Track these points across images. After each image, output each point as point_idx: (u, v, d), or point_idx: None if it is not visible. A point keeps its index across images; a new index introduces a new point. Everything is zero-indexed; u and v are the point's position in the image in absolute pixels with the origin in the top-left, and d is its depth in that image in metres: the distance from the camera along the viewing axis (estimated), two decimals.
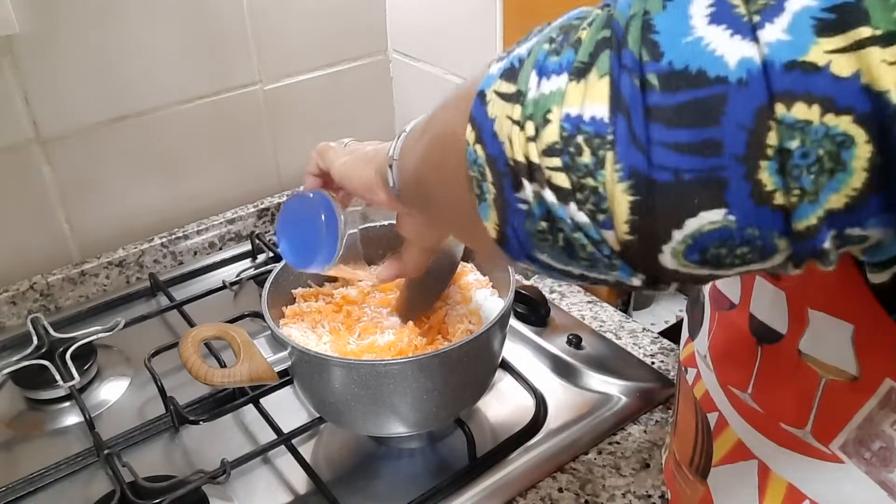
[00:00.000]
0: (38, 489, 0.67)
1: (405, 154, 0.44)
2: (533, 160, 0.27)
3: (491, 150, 0.29)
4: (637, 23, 0.25)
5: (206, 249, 1.01)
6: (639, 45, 0.25)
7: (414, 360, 0.58)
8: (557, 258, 0.30)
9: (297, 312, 0.68)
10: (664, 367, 0.75)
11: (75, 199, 0.92)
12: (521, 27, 0.83)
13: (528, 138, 0.27)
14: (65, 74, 0.87)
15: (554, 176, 0.27)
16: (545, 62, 0.27)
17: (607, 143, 0.25)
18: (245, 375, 0.63)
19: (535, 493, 0.63)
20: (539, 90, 0.27)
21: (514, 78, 0.28)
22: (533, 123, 0.27)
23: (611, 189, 0.25)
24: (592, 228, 0.27)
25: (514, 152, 0.28)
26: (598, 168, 0.25)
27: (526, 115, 0.27)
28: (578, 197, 0.26)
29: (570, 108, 0.26)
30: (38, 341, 0.81)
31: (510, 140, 0.28)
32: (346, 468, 0.68)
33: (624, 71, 0.25)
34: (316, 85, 1.06)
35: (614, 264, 0.28)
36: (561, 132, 0.26)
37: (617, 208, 0.25)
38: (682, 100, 0.24)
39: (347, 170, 0.53)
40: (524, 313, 0.82)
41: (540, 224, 0.28)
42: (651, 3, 0.25)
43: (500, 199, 0.29)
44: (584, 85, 0.26)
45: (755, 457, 0.42)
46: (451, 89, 0.38)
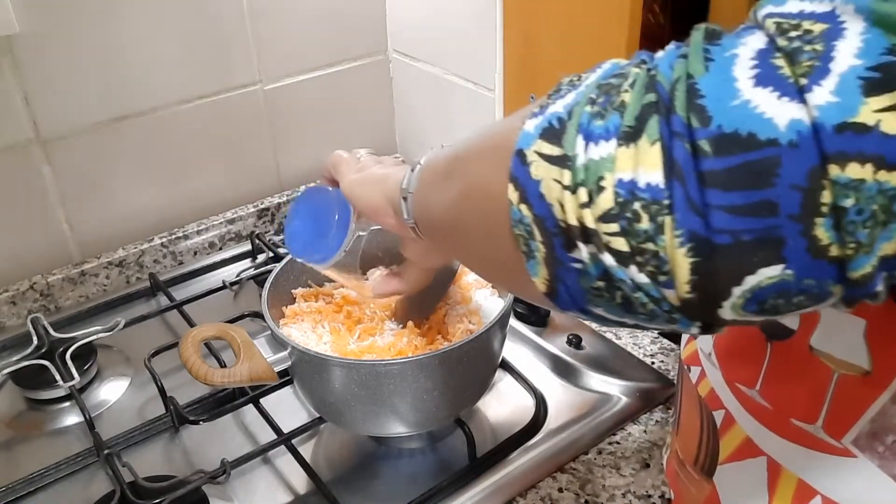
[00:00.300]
0: (38, 489, 0.67)
1: (424, 191, 0.44)
2: (588, 225, 0.27)
3: (538, 211, 0.29)
4: (682, 87, 0.25)
5: (206, 249, 1.01)
6: (686, 110, 0.25)
7: (414, 360, 0.58)
8: (614, 312, 0.30)
9: (297, 312, 0.68)
10: (664, 367, 0.75)
11: (75, 199, 0.92)
12: (521, 27, 0.84)
13: (581, 204, 0.27)
14: (65, 74, 0.87)
15: (612, 241, 0.27)
16: (590, 126, 0.28)
17: (665, 208, 0.26)
18: (245, 375, 0.63)
19: (535, 493, 0.63)
20: (588, 155, 0.27)
21: (557, 140, 0.29)
22: (585, 189, 0.27)
23: (671, 253, 0.26)
24: (653, 288, 0.27)
25: (567, 216, 0.28)
26: (657, 233, 0.26)
27: (577, 180, 0.27)
28: (638, 260, 0.27)
29: (623, 173, 0.26)
30: (38, 341, 0.81)
31: (560, 204, 0.28)
32: (346, 468, 0.68)
33: (675, 137, 0.25)
34: (316, 85, 1.06)
35: (674, 318, 0.28)
36: (616, 198, 0.26)
37: (678, 270, 0.26)
38: (735, 163, 0.24)
39: (356, 189, 0.54)
40: (524, 313, 0.82)
41: (596, 282, 0.29)
42: (693, 65, 0.26)
43: (551, 258, 0.30)
44: (635, 150, 0.26)
45: (764, 453, 0.42)
46: (475, 133, 0.38)
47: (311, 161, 1.10)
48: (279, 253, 0.96)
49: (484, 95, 0.95)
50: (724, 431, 0.45)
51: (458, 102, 1.01)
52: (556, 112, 0.30)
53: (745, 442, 0.43)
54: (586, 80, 0.30)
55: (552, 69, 0.82)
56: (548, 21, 0.80)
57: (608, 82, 0.29)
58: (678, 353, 0.77)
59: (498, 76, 0.91)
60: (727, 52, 0.25)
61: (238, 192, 1.05)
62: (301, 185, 1.10)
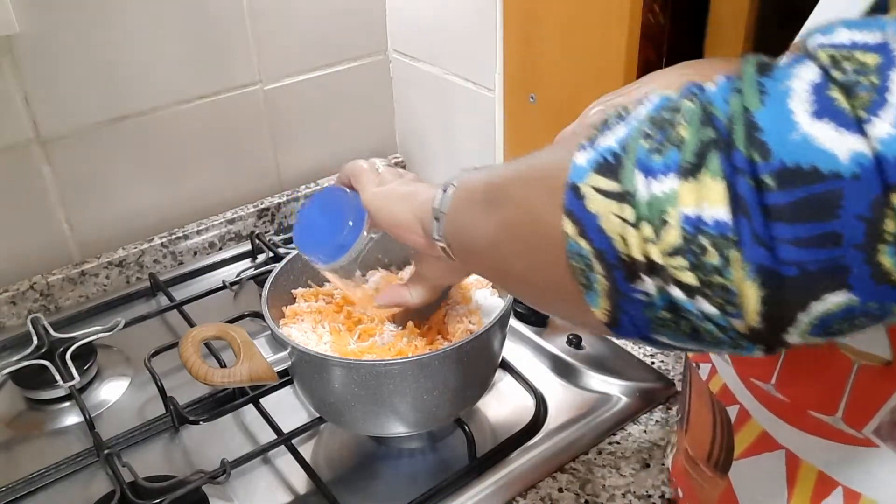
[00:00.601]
0: (38, 489, 0.67)
1: (460, 214, 0.45)
2: (655, 260, 0.28)
3: (599, 245, 0.30)
4: (740, 122, 0.26)
5: (206, 249, 1.01)
6: (747, 145, 0.26)
7: (414, 360, 0.58)
8: (678, 340, 0.31)
9: (297, 312, 0.68)
10: (664, 367, 0.75)
11: (75, 199, 0.92)
12: (522, 27, 0.84)
13: (646, 239, 0.28)
14: (65, 74, 0.87)
15: (680, 274, 0.28)
16: (649, 161, 0.28)
17: (732, 243, 0.26)
18: (245, 375, 0.63)
19: (535, 493, 0.63)
20: (649, 191, 0.28)
21: (613, 174, 0.29)
22: (650, 225, 0.28)
23: (740, 285, 0.27)
24: (721, 318, 0.28)
25: (631, 250, 0.29)
26: (725, 267, 0.27)
27: (640, 216, 0.28)
28: (706, 292, 0.27)
29: (687, 208, 0.27)
30: (38, 341, 0.81)
31: (623, 238, 0.29)
32: (346, 468, 0.68)
33: (738, 173, 0.26)
34: (316, 85, 1.06)
35: (740, 344, 0.29)
36: (682, 233, 0.27)
37: (746, 302, 0.27)
38: (798, 196, 0.25)
39: (380, 203, 0.54)
40: (524, 313, 0.82)
41: (662, 313, 0.30)
42: (749, 99, 0.26)
43: (613, 290, 0.31)
44: (697, 186, 0.27)
45: (782, 447, 0.42)
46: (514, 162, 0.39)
47: (311, 161, 1.10)
48: (279, 253, 0.96)
49: (484, 95, 0.95)
50: (739, 427, 0.45)
51: (458, 102, 1.01)
52: (608, 146, 0.30)
53: (762, 436, 0.44)
54: (636, 114, 0.31)
55: (552, 69, 0.82)
56: (548, 21, 0.80)
57: (661, 116, 0.29)
58: (677, 353, 0.77)
59: (498, 76, 0.91)
60: (781, 85, 0.26)
61: (238, 192, 1.05)
62: (301, 185, 1.10)
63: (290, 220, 1.08)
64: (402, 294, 0.59)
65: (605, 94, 0.63)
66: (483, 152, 0.99)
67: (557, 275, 0.33)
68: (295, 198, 1.07)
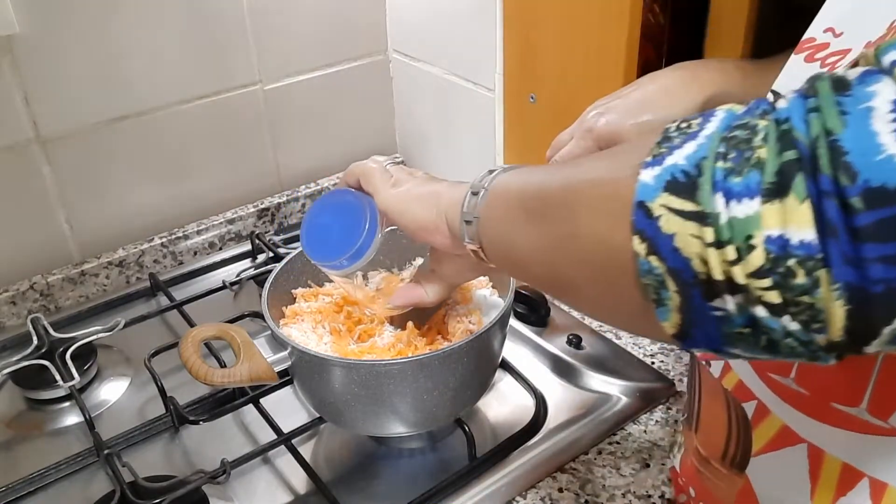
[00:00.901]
0: (38, 489, 0.67)
1: (498, 223, 0.45)
2: (738, 281, 0.28)
3: (673, 265, 0.30)
4: (824, 144, 0.26)
5: (206, 249, 1.01)
6: (833, 168, 0.26)
7: (414, 360, 0.58)
8: (752, 351, 0.31)
9: (297, 312, 0.68)
10: (664, 367, 0.75)
11: (75, 199, 0.92)
12: (522, 27, 0.84)
13: (729, 261, 0.28)
14: (65, 74, 0.87)
15: (765, 295, 0.28)
16: (727, 182, 0.29)
17: (820, 263, 0.27)
18: (245, 375, 0.63)
19: (535, 493, 0.63)
20: (730, 213, 0.28)
21: (688, 195, 0.29)
22: (733, 247, 0.28)
23: (827, 304, 0.27)
24: (804, 334, 0.28)
25: (711, 271, 0.29)
26: (814, 287, 0.27)
27: (722, 238, 0.28)
28: (792, 310, 0.28)
29: (771, 231, 0.27)
30: (38, 341, 0.81)
31: (702, 259, 0.29)
32: (346, 468, 0.68)
33: (824, 196, 0.26)
34: (316, 85, 1.06)
35: (818, 356, 0.30)
36: (767, 255, 0.28)
37: (833, 319, 0.27)
38: (885, 216, 0.25)
39: (401, 205, 0.53)
40: (524, 313, 0.82)
41: (740, 329, 0.30)
42: (830, 120, 0.26)
43: (687, 307, 0.31)
44: (782, 208, 0.27)
45: (804, 440, 0.42)
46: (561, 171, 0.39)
47: (311, 161, 1.10)
48: (279, 253, 0.96)
49: (484, 95, 0.95)
50: (757, 422, 0.45)
51: (458, 102, 1.01)
52: (678, 164, 0.30)
53: (782, 431, 0.43)
54: (703, 131, 0.31)
55: (552, 69, 0.82)
56: (548, 21, 0.80)
57: (734, 136, 0.29)
58: (678, 353, 0.77)
59: (498, 76, 0.91)
60: (861, 105, 0.26)
61: (238, 192, 1.05)
62: (301, 185, 1.10)
63: (291, 220, 1.08)
64: (418, 293, 0.59)
65: (605, 94, 0.63)
66: (483, 152, 0.99)
67: (622, 290, 0.33)
68: (295, 198, 1.07)
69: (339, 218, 0.58)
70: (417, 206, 0.52)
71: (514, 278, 0.63)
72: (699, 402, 0.52)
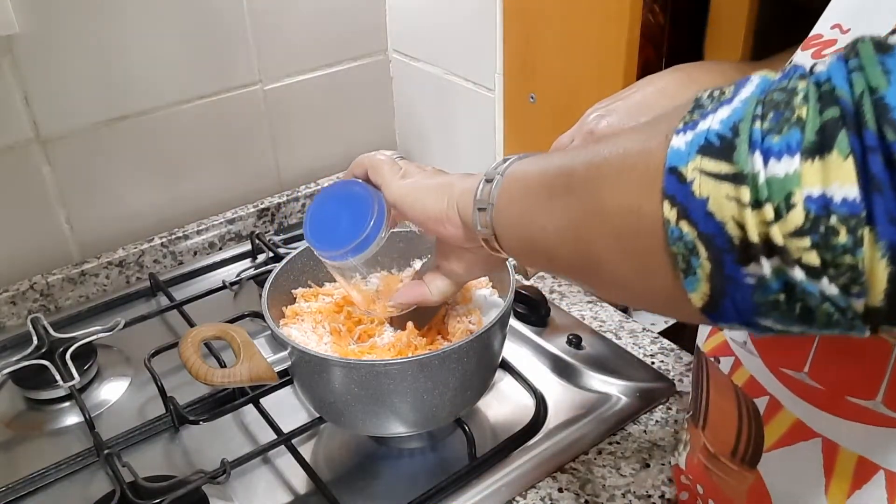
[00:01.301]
0: (38, 489, 0.67)
1: (516, 207, 0.44)
2: (776, 242, 0.28)
3: (706, 229, 0.29)
4: (868, 101, 0.26)
5: (206, 249, 1.01)
6: (877, 124, 0.26)
7: (414, 359, 0.58)
8: (784, 323, 0.30)
9: (297, 312, 0.68)
10: (664, 367, 0.75)
11: (75, 199, 0.92)
12: (522, 27, 0.84)
13: (766, 221, 0.28)
14: (65, 74, 0.87)
15: (804, 256, 0.27)
16: (766, 142, 0.28)
17: (863, 222, 0.26)
18: (245, 375, 0.63)
19: (535, 493, 0.63)
20: (769, 171, 0.28)
21: (724, 156, 0.29)
22: (771, 206, 0.27)
23: (870, 265, 0.26)
24: (842, 299, 0.28)
25: (748, 233, 0.28)
26: (856, 246, 0.26)
27: (760, 197, 0.28)
28: (831, 273, 0.27)
29: (811, 189, 0.27)
30: (38, 341, 0.81)
31: (737, 222, 0.28)
32: (346, 468, 0.68)
33: (870, 152, 0.26)
34: (316, 85, 1.06)
35: (853, 325, 0.29)
36: (807, 214, 0.27)
37: (875, 281, 0.27)
38: None
39: (409, 195, 0.53)
40: (524, 313, 0.82)
41: (775, 296, 0.29)
42: (873, 78, 0.26)
43: (719, 274, 0.30)
44: (824, 165, 0.26)
45: (818, 434, 0.42)
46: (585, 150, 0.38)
47: (311, 161, 1.10)
48: (279, 253, 0.96)
49: (484, 95, 0.95)
50: (769, 418, 0.45)
51: (458, 102, 1.01)
52: (712, 129, 0.30)
53: (796, 425, 0.43)
54: (738, 96, 0.30)
55: (552, 69, 0.82)
56: (548, 21, 0.80)
57: (771, 98, 0.29)
58: (678, 353, 0.77)
59: (498, 76, 0.91)
60: None
61: (238, 192, 1.05)
62: (301, 185, 1.10)
63: (291, 220, 1.08)
64: (422, 291, 0.58)
65: (606, 94, 0.63)
66: (483, 152, 0.99)
67: (650, 261, 0.33)
68: (295, 198, 1.07)
69: (345, 208, 0.57)
70: (428, 197, 0.52)
71: (529, 266, 0.61)
72: (707, 399, 0.52)
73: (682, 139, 0.30)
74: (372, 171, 0.57)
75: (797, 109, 0.28)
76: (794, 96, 0.28)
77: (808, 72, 0.29)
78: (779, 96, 0.29)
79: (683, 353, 0.77)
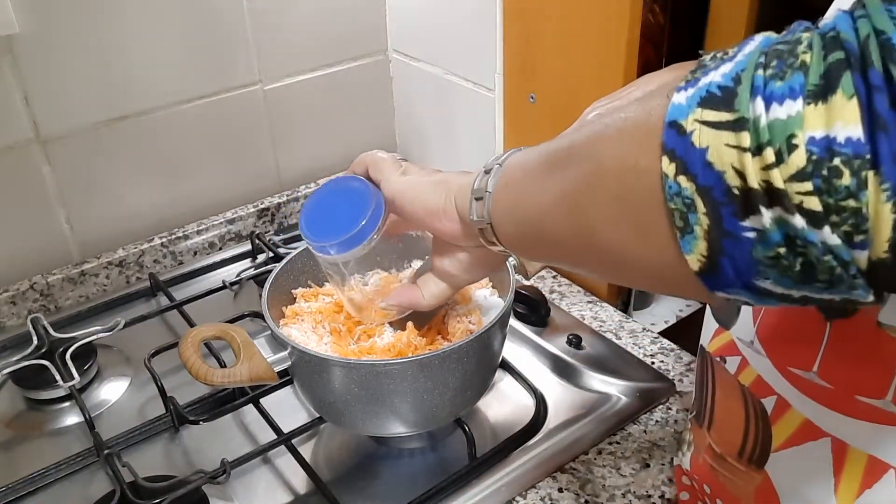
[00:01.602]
0: (38, 489, 0.67)
1: (513, 189, 0.44)
2: (777, 186, 0.27)
3: (704, 181, 0.29)
4: (874, 43, 0.25)
5: (206, 249, 1.01)
6: (882, 63, 0.25)
7: (414, 359, 0.58)
8: (784, 283, 0.29)
9: (297, 312, 0.68)
10: (664, 367, 0.75)
11: (75, 199, 0.92)
12: (521, 27, 0.84)
13: (766, 166, 0.27)
14: (65, 74, 0.87)
15: (805, 200, 0.27)
16: (768, 87, 0.27)
17: (867, 163, 0.25)
18: (245, 375, 0.63)
19: (535, 493, 0.63)
20: (772, 115, 0.27)
21: (725, 105, 0.28)
22: (772, 150, 0.27)
23: (874, 208, 0.26)
24: (845, 250, 0.27)
25: (748, 180, 0.28)
26: (860, 189, 0.25)
27: (761, 141, 0.27)
28: (833, 219, 0.26)
29: (815, 131, 0.26)
30: (38, 341, 0.81)
31: (736, 169, 0.28)
32: (346, 468, 0.68)
33: (875, 91, 0.25)
34: (316, 85, 1.06)
35: (855, 284, 0.28)
36: (809, 156, 0.26)
37: (880, 226, 0.26)
38: None
39: (408, 190, 0.53)
40: (524, 313, 0.82)
41: (775, 250, 0.28)
42: (880, 22, 0.26)
43: (717, 230, 0.29)
44: (827, 107, 0.26)
45: (827, 434, 0.42)
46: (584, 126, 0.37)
47: (311, 161, 1.10)
48: (279, 253, 0.96)
49: (484, 95, 0.95)
50: (776, 418, 0.45)
51: (458, 102, 1.01)
52: (714, 81, 0.29)
53: (804, 425, 0.43)
54: (743, 51, 0.30)
55: (552, 69, 0.82)
56: (548, 21, 0.80)
57: (775, 49, 0.28)
58: (678, 353, 0.77)
59: (498, 76, 0.91)
60: None
61: (238, 192, 1.05)
62: (301, 185, 1.10)
63: (290, 220, 1.08)
64: (414, 295, 0.57)
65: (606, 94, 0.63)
66: (483, 152, 0.99)
67: (647, 222, 0.32)
68: (295, 198, 1.07)
69: (342, 201, 0.57)
70: (426, 192, 0.52)
71: (524, 255, 0.60)
72: (712, 400, 0.52)
73: (682, 95, 0.30)
74: (373, 168, 0.57)
75: (801, 56, 0.27)
76: (799, 45, 0.28)
77: (814, 24, 0.28)
78: (783, 47, 0.28)
79: (683, 353, 0.77)
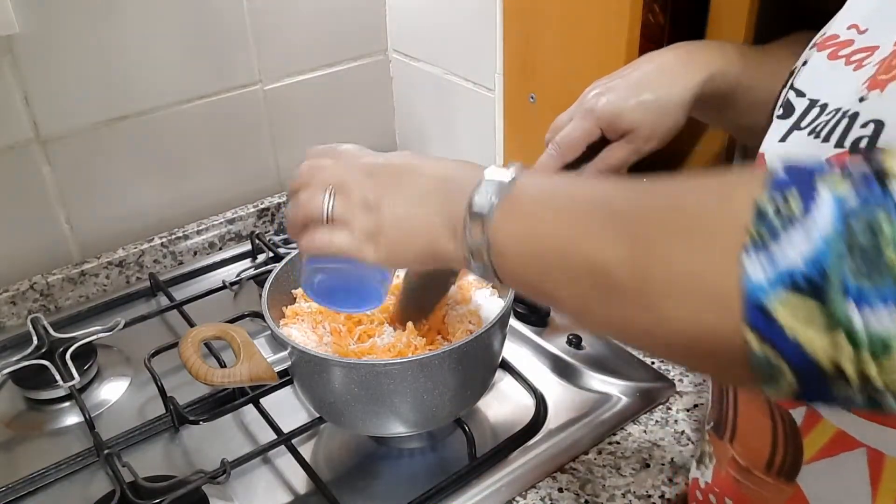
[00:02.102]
0: (38, 489, 0.67)
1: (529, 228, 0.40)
2: (876, 385, 0.28)
3: (797, 363, 0.29)
4: None
5: (206, 249, 1.01)
6: None
7: (414, 360, 0.58)
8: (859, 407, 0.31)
9: (297, 312, 0.68)
10: (664, 367, 0.75)
11: (75, 199, 0.92)
12: (521, 27, 0.84)
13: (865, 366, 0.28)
14: (65, 74, 0.87)
15: None
16: (860, 292, 0.28)
17: None
18: (245, 375, 0.63)
19: (535, 493, 0.63)
20: (865, 320, 0.27)
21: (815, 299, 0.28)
22: (870, 354, 0.28)
23: None
24: None
25: (846, 373, 0.28)
26: None
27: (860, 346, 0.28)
28: None
29: None
30: (38, 341, 0.81)
31: (833, 363, 0.28)
32: (346, 468, 0.68)
33: None
34: (316, 85, 1.06)
35: None
36: None
37: None
38: None
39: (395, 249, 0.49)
40: (524, 313, 0.82)
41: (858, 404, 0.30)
42: None
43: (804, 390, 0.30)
44: None
45: (862, 444, 0.41)
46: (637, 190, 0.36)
47: None
48: (279, 253, 0.96)
49: (484, 95, 0.95)
50: (807, 430, 0.44)
51: (458, 102, 1.01)
52: (797, 269, 0.29)
53: (838, 436, 0.43)
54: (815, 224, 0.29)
55: (552, 69, 0.82)
56: (548, 21, 0.80)
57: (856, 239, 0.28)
58: None
59: (498, 76, 0.91)
60: None
61: (238, 192, 1.05)
62: None
63: None
64: None
65: None
66: (483, 152, 0.99)
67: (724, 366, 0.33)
68: None
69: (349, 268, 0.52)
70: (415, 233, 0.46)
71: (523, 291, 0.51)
72: (734, 411, 0.51)
73: (758, 268, 0.29)
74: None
75: (885, 252, 0.27)
76: (880, 236, 0.28)
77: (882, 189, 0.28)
78: (864, 239, 0.28)
79: None
